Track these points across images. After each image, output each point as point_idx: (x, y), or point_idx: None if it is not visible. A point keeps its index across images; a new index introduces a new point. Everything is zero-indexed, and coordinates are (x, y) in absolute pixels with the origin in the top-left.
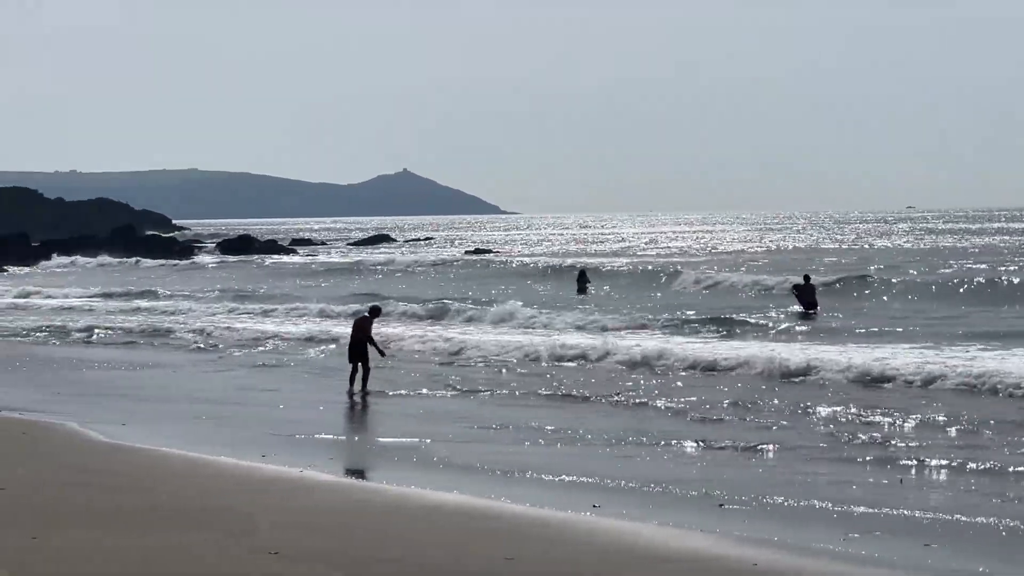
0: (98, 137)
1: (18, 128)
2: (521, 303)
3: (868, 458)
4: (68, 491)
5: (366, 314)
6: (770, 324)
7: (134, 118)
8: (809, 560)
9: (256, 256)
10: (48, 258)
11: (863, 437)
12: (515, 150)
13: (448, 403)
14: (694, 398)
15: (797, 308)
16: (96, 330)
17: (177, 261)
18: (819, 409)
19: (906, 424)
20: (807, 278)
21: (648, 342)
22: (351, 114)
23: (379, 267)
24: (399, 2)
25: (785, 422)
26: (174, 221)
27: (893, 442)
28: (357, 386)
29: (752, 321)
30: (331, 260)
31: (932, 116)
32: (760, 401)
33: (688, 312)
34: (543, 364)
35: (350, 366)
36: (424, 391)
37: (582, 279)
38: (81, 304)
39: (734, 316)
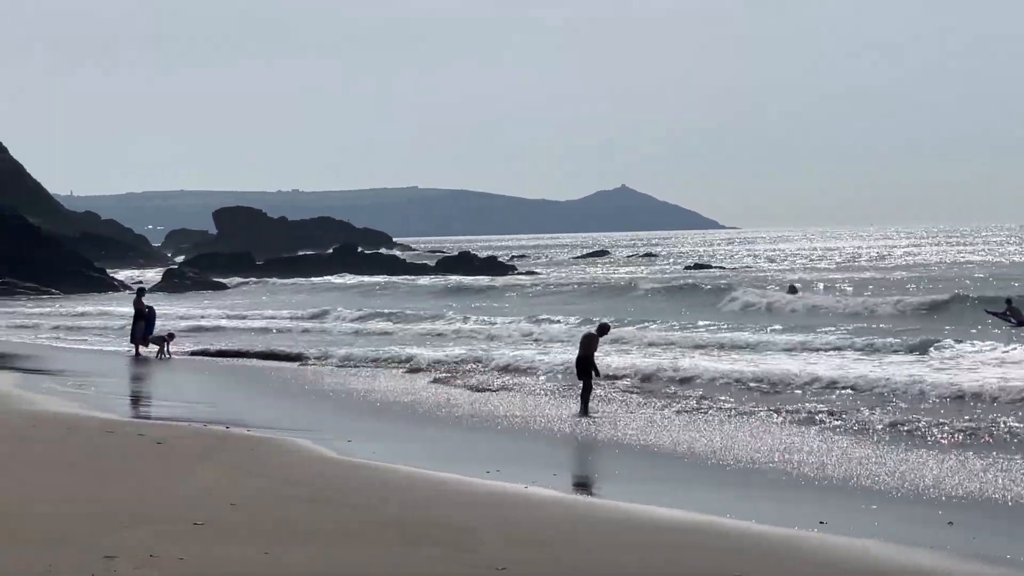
0: (319, 157)
1: (243, 149)
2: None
3: None
4: (297, 506)
5: (593, 332)
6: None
7: (355, 138)
8: None
9: (479, 276)
10: (270, 276)
11: None
12: (733, 164)
13: (675, 419)
14: (929, 419)
15: (1011, 328)
16: (320, 353)
17: (399, 280)
18: None
19: None
20: (1009, 301)
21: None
22: (570, 130)
23: (602, 285)
24: (617, 21)
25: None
26: (395, 239)
27: None
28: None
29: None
30: (553, 278)
31: None
32: (999, 421)
33: (900, 332)
34: (768, 382)
35: (580, 383)
36: (665, 409)
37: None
38: (295, 326)
39: (952, 339)
